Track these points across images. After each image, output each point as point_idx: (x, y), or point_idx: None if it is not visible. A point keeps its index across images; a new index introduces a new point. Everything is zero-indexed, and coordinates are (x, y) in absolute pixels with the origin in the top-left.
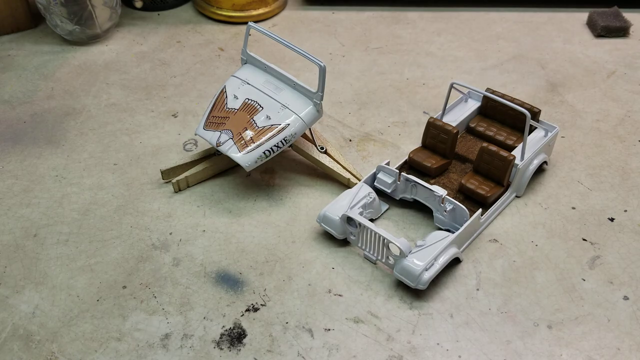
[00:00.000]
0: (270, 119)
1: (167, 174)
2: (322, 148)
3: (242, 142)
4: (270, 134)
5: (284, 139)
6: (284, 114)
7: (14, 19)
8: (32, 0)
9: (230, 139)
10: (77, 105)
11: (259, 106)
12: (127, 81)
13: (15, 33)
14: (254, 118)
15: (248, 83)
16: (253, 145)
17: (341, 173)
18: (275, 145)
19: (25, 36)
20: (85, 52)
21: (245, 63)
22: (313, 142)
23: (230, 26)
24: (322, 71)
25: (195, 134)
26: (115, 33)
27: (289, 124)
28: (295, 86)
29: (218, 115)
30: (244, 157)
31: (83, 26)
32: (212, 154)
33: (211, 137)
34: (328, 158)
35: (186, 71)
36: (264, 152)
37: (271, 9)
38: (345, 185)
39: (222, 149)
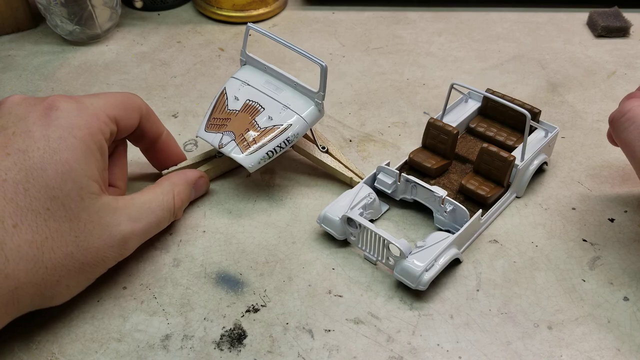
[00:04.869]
0: (272, 119)
1: None
2: (323, 148)
3: (245, 143)
4: (272, 134)
5: (286, 140)
6: (285, 114)
7: (15, 19)
8: (32, 0)
9: (233, 141)
10: None
11: (260, 107)
12: (127, 81)
13: (15, 33)
14: (256, 119)
15: (248, 84)
16: (256, 146)
17: (343, 172)
18: (278, 146)
19: (25, 36)
20: (85, 52)
21: (244, 64)
22: (314, 141)
23: (231, 26)
24: (324, 71)
25: (197, 136)
26: (115, 33)
27: (291, 124)
28: (296, 86)
29: (219, 117)
30: (247, 159)
31: (83, 26)
32: (213, 156)
33: (213, 139)
34: (330, 157)
35: (186, 71)
36: (267, 153)
37: (271, 9)
38: (348, 184)
39: (225, 150)
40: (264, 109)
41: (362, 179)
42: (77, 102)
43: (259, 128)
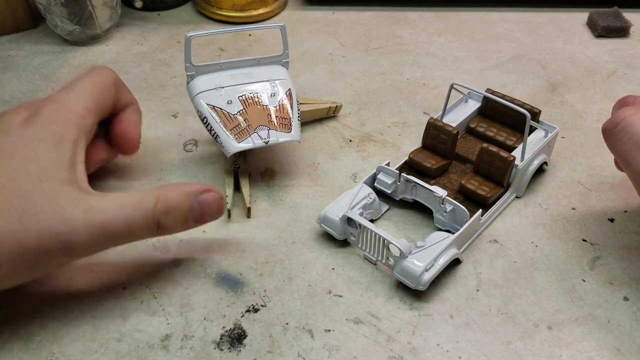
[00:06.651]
0: (275, 95)
1: (232, 208)
2: None
3: (280, 125)
4: (288, 104)
5: (297, 101)
6: (278, 84)
7: (15, 19)
8: (32, 0)
9: (270, 130)
10: None
11: (254, 94)
12: (127, 81)
13: (15, 33)
14: (264, 104)
15: (222, 87)
16: (288, 121)
17: (320, 107)
18: (298, 109)
19: (25, 36)
20: (85, 52)
21: (194, 77)
22: None
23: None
24: (284, 31)
25: (230, 154)
26: (115, 33)
27: (290, 88)
28: (259, 62)
29: (234, 124)
30: (294, 134)
31: (83, 26)
32: (235, 171)
33: (254, 142)
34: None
35: None
36: (298, 119)
37: (271, 9)
38: (330, 116)
39: (272, 141)
40: (258, 93)
41: (336, 103)
42: (56, 102)
43: (274, 108)
